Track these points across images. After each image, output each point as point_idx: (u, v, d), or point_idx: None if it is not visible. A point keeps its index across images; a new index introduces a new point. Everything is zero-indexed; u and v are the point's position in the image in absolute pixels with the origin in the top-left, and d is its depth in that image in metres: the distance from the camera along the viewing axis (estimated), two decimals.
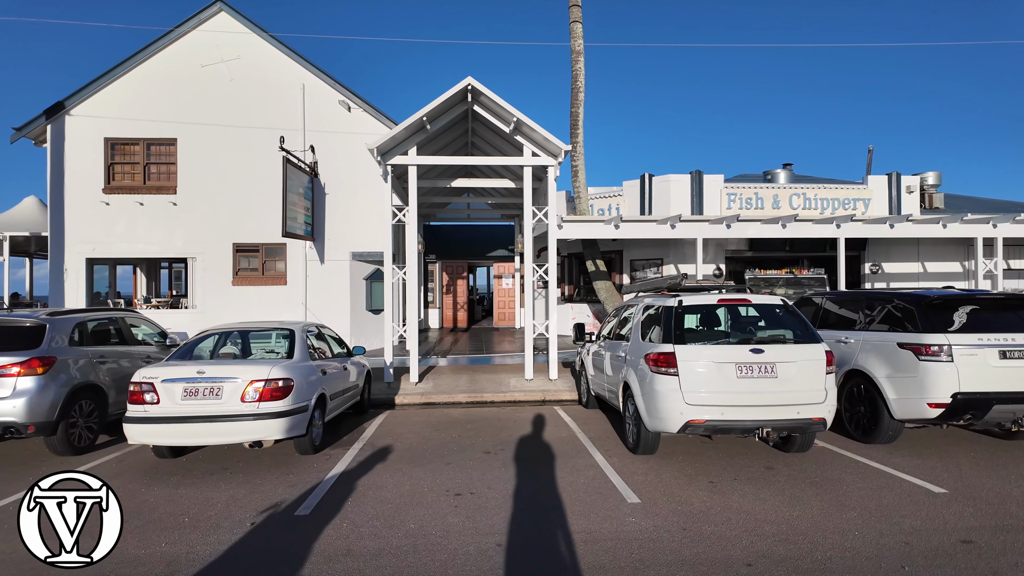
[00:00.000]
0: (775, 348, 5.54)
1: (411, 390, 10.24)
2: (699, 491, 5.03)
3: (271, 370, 5.71)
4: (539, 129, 10.19)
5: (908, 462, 5.86)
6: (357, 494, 5.05)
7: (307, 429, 6.11)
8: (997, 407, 5.81)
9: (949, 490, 5.00)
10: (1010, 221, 11.63)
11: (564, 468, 5.76)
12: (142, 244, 13.89)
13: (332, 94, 14.24)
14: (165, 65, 13.99)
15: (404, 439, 7.07)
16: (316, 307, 14.09)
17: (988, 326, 6.08)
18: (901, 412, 6.20)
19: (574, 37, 13.98)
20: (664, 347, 5.65)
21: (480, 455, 6.28)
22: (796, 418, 5.40)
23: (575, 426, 7.71)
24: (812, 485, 5.16)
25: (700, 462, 5.89)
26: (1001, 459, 5.95)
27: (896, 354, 6.32)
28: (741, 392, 5.40)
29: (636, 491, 5.04)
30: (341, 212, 14.27)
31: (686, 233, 11.13)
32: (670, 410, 5.50)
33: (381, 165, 10.33)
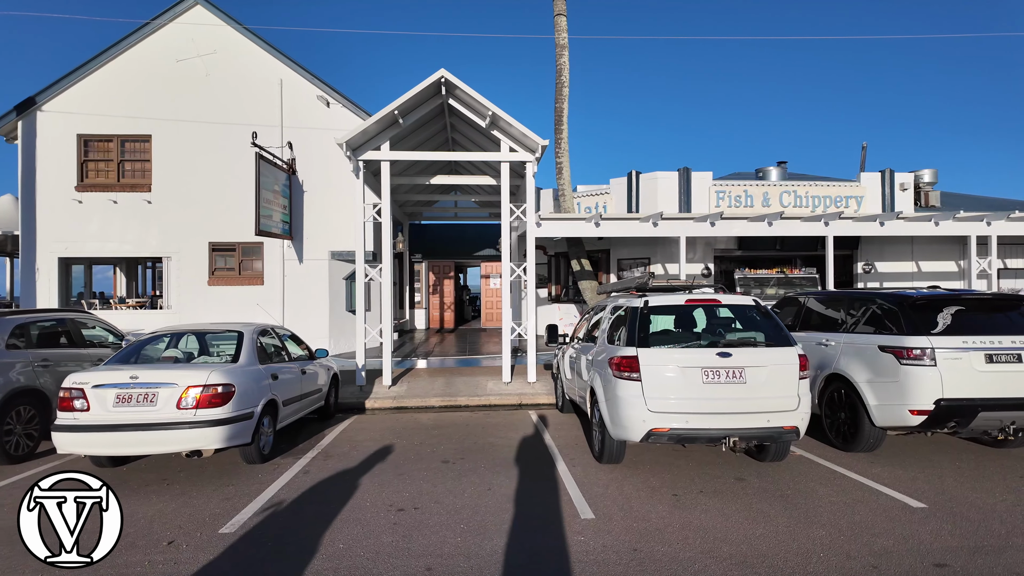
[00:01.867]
0: (744, 352, 5.19)
1: (383, 394, 9.90)
2: (660, 505, 4.69)
3: (210, 375, 5.38)
4: (516, 124, 9.86)
5: (888, 473, 5.51)
6: (293, 509, 4.72)
7: (253, 437, 5.78)
8: (983, 414, 5.46)
9: (928, 505, 4.66)
10: (1004, 219, 11.26)
11: (523, 479, 5.42)
12: (116, 243, 13.56)
13: (311, 89, 13.91)
14: (140, 60, 13.67)
15: (362, 447, 6.74)
16: (294, 307, 13.77)
17: (974, 328, 5.73)
18: (882, 419, 5.85)
19: (558, 30, 13.63)
20: (627, 350, 5.30)
21: (437, 465, 5.94)
22: (766, 427, 5.05)
23: (546, 432, 7.37)
24: (782, 499, 4.81)
25: (668, 472, 5.55)
26: (988, 469, 5.60)
27: (877, 358, 5.98)
28: (707, 399, 5.06)
29: (593, 505, 4.70)
30: (320, 210, 13.93)
31: (669, 231, 10.79)
32: (632, 418, 5.16)
33: (352, 160, 10.00)
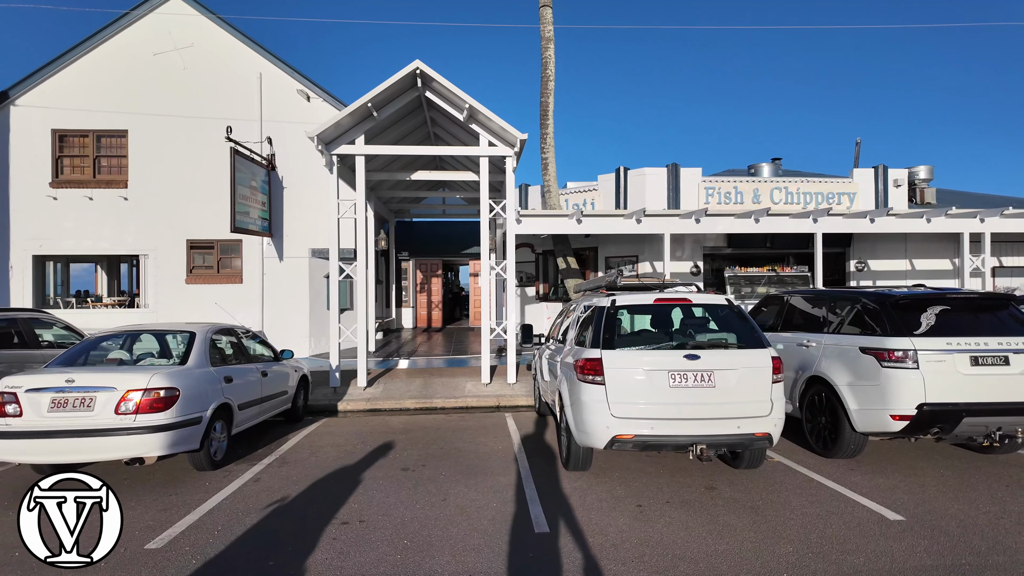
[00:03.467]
0: (713, 354, 4.91)
1: (358, 395, 9.62)
2: (621, 517, 4.41)
3: (151, 378, 5.10)
4: (494, 118, 9.57)
5: (868, 481, 5.23)
6: (231, 522, 4.44)
7: (202, 443, 5.50)
8: (968, 420, 5.18)
9: (906, 517, 4.38)
10: (998, 215, 10.96)
11: (482, 488, 5.14)
12: (91, 241, 13.28)
13: (291, 83, 13.62)
14: (116, 53, 13.37)
15: (323, 453, 6.46)
16: (274, 306, 13.49)
17: (959, 329, 5.45)
18: (863, 424, 5.57)
19: (544, 22, 13.31)
20: (591, 352, 5.02)
21: (396, 472, 5.66)
22: (736, 433, 4.77)
23: (517, 437, 7.10)
24: (752, 510, 4.53)
25: (636, 480, 5.27)
26: (973, 478, 5.32)
27: (858, 360, 5.70)
28: (674, 404, 4.78)
29: (550, 517, 4.42)
30: (301, 207, 13.65)
31: (653, 228, 10.50)
32: (596, 424, 4.88)
33: (324, 155, 9.71)
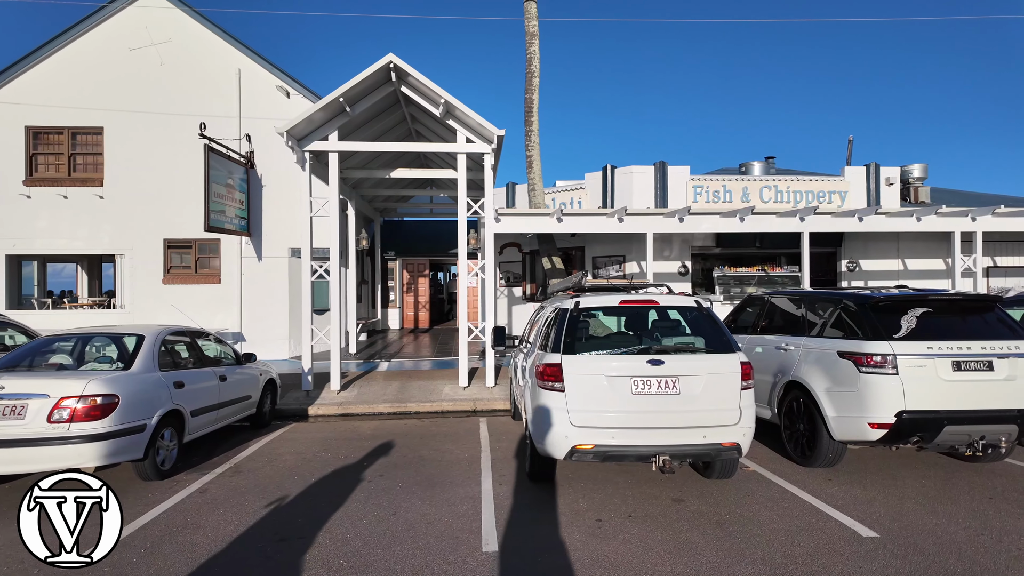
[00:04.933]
0: (678, 359, 4.64)
1: (331, 399, 9.36)
2: (578, 533, 4.15)
3: (87, 384, 4.83)
4: (472, 113, 9.31)
5: (845, 493, 4.97)
6: (164, 538, 4.17)
7: (146, 452, 5.24)
8: (949, 428, 4.92)
9: (881, 533, 4.11)
10: (989, 214, 10.70)
11: (437, 500, 4.88)
12: (66, 240, 13.01)
13: (270, 79, 13.35)
14: (91, 48, 13.10)
15: (281, 461, 6.19)
16: (253, 307, 13.22)
17: (941, 332, 5.18)
18: (840, 432, 5.31)
19: (528, 17, 13.02)
20: (551, 357, 4.75)
21: (351, 483, 5.39)
22: (702, 443, 4.51)
23: (487, 443, 6.83)
24: (717, 526, 4.27)
25: (601, 491, 5.01)
26: (955, 488, 5.06)
27: (836, 364, 5.43)
28: (637, 412, 4.51)
29: (501, 534, 4.15)
30: (280, 205, 13.38)
31: (635, 227, 10.23)
32: (555, 433, 4.61)
33: (296, 151, 9.44)
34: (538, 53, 13.01)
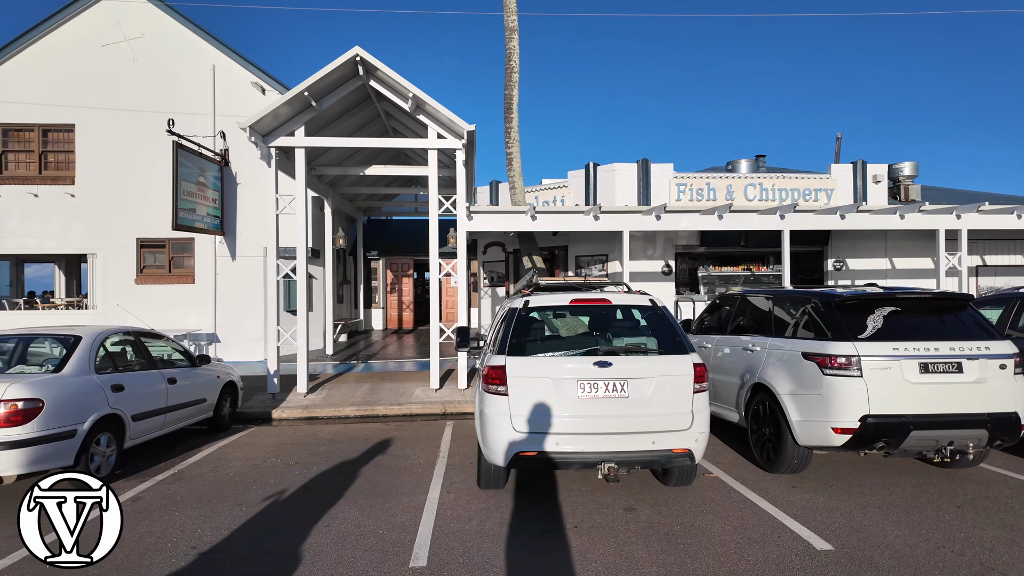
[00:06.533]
0: (627, 360, 4.40)
1: (297, 402, 9.12)
2: (515, 547, 3.91)
3: (8, 388, 4.58)
4: (441, 109, 9.07)
5: (808, 501, 4.73)
6: None
7: (77, 459, 5.00)
8: (916, 433, 4.68)
9: (836, 546, 3.87)
10: (974, 211, 10.46)
11: (378, 510, 4.64)
12: (37, 239, 12.76)
13: (245, 76, 13.10)
14: (62, 44, 12.85)
15: (228, 467, 5.95)
16: (227, 307, 12.97)
17: (909, 332, 4.95)
18: (805, 438, 5.08)
19: (508, 12, 12.77)
20: (496, 360, 4.51)
21: (293, 491, 5.15)
22: (651, 450, 4.27)
23: (447, 448, 6.60)
24: (665, 537, 4.03)
25: (552, 499, 4.78)
26: (924, 496, 4.82)
27: (800, 366, 5.20)
28: (583, 416, 4.27)
29: (435, 548, 3.91)
30: (256, 204, 13.08)
31: (610, 225, 9.98)
32: (498, 439, 4.37)
33: (260, 147, 9.20)
34: (518, 48, 12.76)
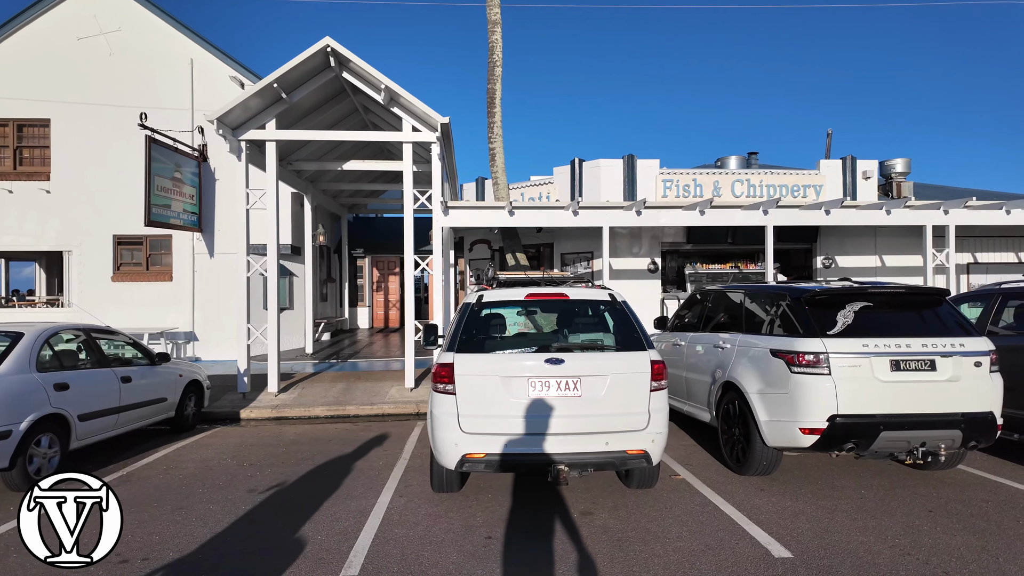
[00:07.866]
0: (580, 357, 4.20)
1: (267, 402, 8.91)
2: (456, 555, 3.70)
3: None
4: (415, 101, 8.87)
5: (774, 504, 4.53)
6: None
7: (12, 461, 4.80)
8: (886, 434, 4.48)
9: (796, 553, 3.67)
10: (962, 207, 10.25)
11: (324, 515, 4.43)
12: (11, 236, 12.54)
13: (224, 69, 12.86)
14: (37, 38, 12.62)
15: (180, 469, 5.75)
16: (206, 305, 12.76)
17: (880, 329, 4.75)
18: (773, 438, 4.87)
19: (490, 4, 12.58)
20: (445, 357, 4.30)
21: (238, 495, 4.94)
22: (604, 451, 4.07)
23: (410, 450, 6.39)
24: (618, 544, 3.82)
25: (506, 503, 4.57)
26: (896, 500, 4.61)
27: (769, 364, 4.99)
28: (533, 416, 4.07)
29: (373, 555, 3.71)
30: (235, 201, 12.73)
31: (590, 221, 9.77)
32: (446, 440, 4.17)
33: (229, 140, 8.99)
34: (500, 41, 12.58)
